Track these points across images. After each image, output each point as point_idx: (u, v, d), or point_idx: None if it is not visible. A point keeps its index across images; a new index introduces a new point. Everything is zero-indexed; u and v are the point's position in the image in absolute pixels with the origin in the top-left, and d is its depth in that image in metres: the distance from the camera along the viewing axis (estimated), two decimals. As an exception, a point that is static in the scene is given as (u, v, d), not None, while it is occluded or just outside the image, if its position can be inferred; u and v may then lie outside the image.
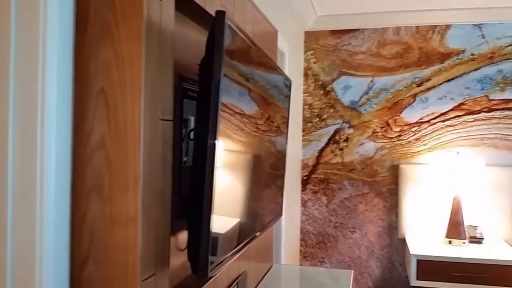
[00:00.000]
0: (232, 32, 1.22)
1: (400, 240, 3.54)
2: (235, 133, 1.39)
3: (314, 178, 3.74)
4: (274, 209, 1.97)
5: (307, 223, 3.74)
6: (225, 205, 1.33)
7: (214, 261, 1.20)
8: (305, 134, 3.75)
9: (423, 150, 3.54)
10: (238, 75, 1.37)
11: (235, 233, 1.44)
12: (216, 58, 1.13)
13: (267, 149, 1.83)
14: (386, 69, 3.60)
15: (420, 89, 3.54)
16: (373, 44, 3.62)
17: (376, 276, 3.61)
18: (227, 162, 1.33)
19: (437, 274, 2.90)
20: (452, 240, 3.13)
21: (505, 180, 3.30)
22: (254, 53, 1.53)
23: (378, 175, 3.62)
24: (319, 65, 3.72)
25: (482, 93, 3.43)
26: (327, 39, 3.70)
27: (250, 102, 1.55)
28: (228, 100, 1.25)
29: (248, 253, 1.90)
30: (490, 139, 3.43)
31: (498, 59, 3.40)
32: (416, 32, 3.54)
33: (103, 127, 1.02)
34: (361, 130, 3.65)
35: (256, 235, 1.60)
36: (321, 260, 3.71)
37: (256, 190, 1.68)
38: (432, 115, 3.52)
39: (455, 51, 3.48)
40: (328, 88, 3.71)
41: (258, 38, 1.96)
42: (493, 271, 2.83)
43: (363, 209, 3.64)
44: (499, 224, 3.31)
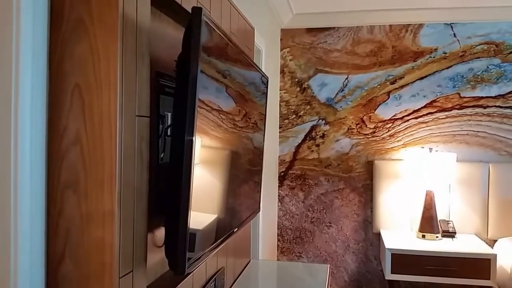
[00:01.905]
0: (208, 29, 1.22)
1: (375, 234, 3.61)
2: (213, 130, 1.39)
3: (291, 174, 3.77)
4: (251, 205, 1.98)
5: (284, 218, 3.77)
6: (203, 201, 1.34)
7: (191, 257, 1.20)
8: (282, 130, 3.78)
9: (397, 146, 3.61)
10: (215, 72, 1.37)
11: (212, 229, 1.44)
12: (192, 55, 1.13)
13: (245, 146, 1.84)
14: (361, 67, 3.65)
15: (393, 87, 3.61)
16: (348, 42, 3.67)
17: (352, 270, 3.67)
18: (205, 159, 1.33)
19: (411, 268, 2.97)
20: (426, 234, 3.20)
21: (476, 176, 3.39)
22: (231, 50, 1.53)
23: (353, 171, 3.67)
24: (296, 62, 3.75)
25: (453, 91, 3.52)
26: (303, 37, 3.73)
27: (227, 99, 1.55)
28: (205, 96, 1.25)
29: (225, 249, 1.91)
30: (462, 136, 3.52)
31: (469, 57, 3.49)
32: (389, 30, 3.60)
33: (78, 123, 1.01)
34: (337, 127, 3.70)
35: (233, 231, 1.61)
36: (298, 255, 3.75)
37: (233, 186, 1.69)
38: (405, 112, 3.59)
39: (427, 50, 3.55)
40: (305, 85, 3.74)
41: (235, 35, 1.97)
42: (465, 264, 2.91)
43: (339, 204, 3.69)
44: (470, 218, 3.40)
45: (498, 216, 3.34)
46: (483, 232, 3.37)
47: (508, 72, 3.43)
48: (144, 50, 1.14)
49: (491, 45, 3.46)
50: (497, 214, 3.34)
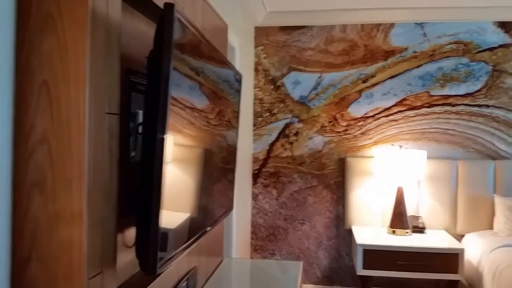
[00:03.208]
0: (181, 25, 1.21)
1: (346, 230, 3.65)
2: (186, 128, 1.37)
3: (265, 172, 3.77)
4: (225, 203, 1.97)
5: (258, 216, 3.77)
6: (175, 200, 1.32)
7: (163, 257, 1.19)
8: (256, 128, 3.78)
9: (368, 143, 3.66)
10: (188, 69, 1.36)
11: (185, 229, 1.43)
12: (165, 51, 1.12)
13: (218, 144, 1.83)
14: (334, 66, 3.68)
15: (365, 85, 3.65)
16: (321, 41, 3.69)
17: (324, 266, 3.71)
18: (177, 157, 1.32)
19: (382, 263, 3.02)
20: (396, 230, 3.26)
21: (445, 172, 3.48)
22: (204, 47, 1.52)
23: (326, 168, 3.71)
24: (269, 60, 3.75)
25: (423, 89, 3.59)
26: (277, 35, 3.73)
27: (200, 96, 1.54)
28: (178, 94, 1.24)
29: (198, 248, 1.90)
30: (431, 133, 3.60)
31: (439, 56, 3.57)
32: (361, 30, 3.64)
33: (45, 121, 0.99)
34: (310, 125, 3.72)
35: (206, 230, 1.60)
36: (271, 252, 3.77)
37: (207, 185, 1.68)
38: (377, 110, 3.64)
39: (398, 49, 3.61)
40: (278, 83, 3.75)
41: (208, 32, 1.95)
42: (435, 259, 2.98)
43: (312, 201, 3.72)
44: (439, 214, 3.48)
45: (466, 211, 3.43)
46: (452, 227, 3.46)
47: (476, 71, 3.53)
48: (115, 46, 1.12)
49: (460, 45, 3.54)
50: (465, 210, 3.43)
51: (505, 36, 3.49)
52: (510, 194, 3.34)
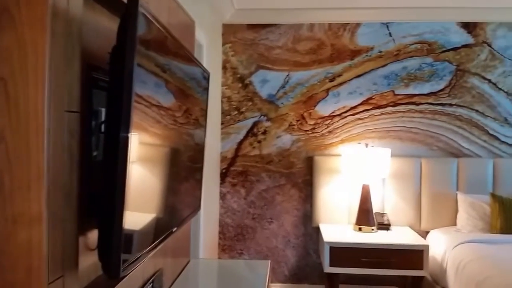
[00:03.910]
0: (146, 21, 1.18)
1: (314, 228, 3.68)
2: (151, 126, 1.34)
3: (233, 171, 3.75)
4: (192, 203, 1.94)
5: (225, 215, 3.75)
6: (140, 201, 1.29)
7: (127, 259, 1.16)
8: (224, 127, 3.75)
9: (335, 142, 3.69)
10: (154, 66, 1.32)
11: (150, 230, 1.40)
12: (128, 47, 1.08)
13: (185, 142, 1.80)
14: (301, 64, 3.70)
15: (332, 84, 3.69)
16: (289, 39, 3.70)
17: (292, 264, 3.73)
18: (142, 156, 1.29)
19: (349, 260, 3.05)
20: (362, 227, 3.30)
21: (409, 170, 3.55)
22: (170, 43, 1.49)
23: (294, 166, 3.72)
24: (238, 58, 3.73)
25: (388, 88, 3.65)
26: (245, 32, 3.72)
27: (167, 94, 1.51)
28: (143, 91, 1.21)
29: (164, 249, 1.86)
30: (395, 132, 3.67)
31: (403, 56, 3.64)
32: (328, 29, 3.67)
33: (2, 119, 0.95)
34: (278, 123, 3.73)
35: (173, 230, 1.57)
36: (239, 252, 3.75)
37: (173, 184, 1.64)
38: (344, 108, 3.68)
39: (364, 48, 3.66)
40: (247, 81, 3.73)
41: (175, 29, 1.91)
42: (400, 256, 3.03)
43: (280, 200, 3.72)
44: (404, 211, 3.56)
45: (430, 208, 3.52)
46: (416, 224, 3.54)
47: (439, 71, 3.62)
48: (75, 42, 1.09)
49: (424, 45, 3.62)
50: (429, 207, 3.52)
51: (468, 36, 3.60)
52: (473, 191, 3.45)
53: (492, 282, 2.43)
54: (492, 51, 3.59)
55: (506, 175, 3.49)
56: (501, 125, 3.61)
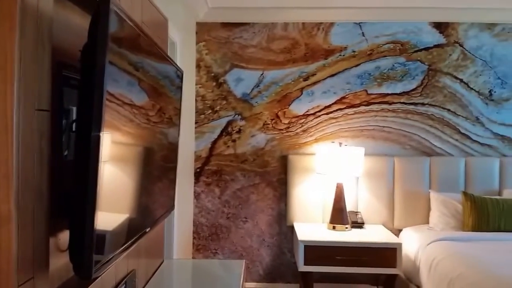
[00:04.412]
0: (118, 18, 1.16)
1: (289, 227, 3.70)
2: (124, 125, 1.32)
3: (207, 170, 3.74)
4: (165, 203, 1.92)
5: (200, 215, 3.73)
6: (112, 201, 1.27)
7: (100, 260, 1.15)
8: (198, 126, 3.73)
9: (310, 141, 3.72)
10: (126, 64, 1.31)
11: (123, 230, 1.38)
12: (100, 44, 1.07)
13: (159, 141, 1.78)
14: (276, 63, 3.71)
15: (306, 83, 3.71)
16: (263, 38, 3.70)
17: (266, 263, 3.73)
18: (115, 155, 1.27)
19: (323, 259, 3.07)
20: (336, 225, 3.33)
21: (382, 169, 3.60)
22: (143, 41, 1.47)
23: (269, 165, 3.73)
24: (212, 56, 3.71)
25: (361, 88, 3.70)
26: (219, 31, 3.70)
27: (139, 92, 1.49)
28: (115, 89, 1.19)
29: (137, 250, 1.84)
30: (369, 131, 3.72)
31: (376, 56, 3.69)
32: (302, 28, 3.69)
33: (-31, 117, 0.92)
34: (252, 122, 3.73)
35: (146, 230, 1.55)
36: (214, 251, 3.74)
37: (146, 184, 1.63)
38: (318, 108, 3.71)
39: (337, 48, 3.70)
40: (221, 80, 3.72)
41: (148, 26, 1.89)
42: (373, 254, 3.07)
43: (255, 199, 3.73)
44: (377, 209, 3.60)
45: (402, 206, 3.57)
46: (389, 222, 3.59)
47: (412, 70, 3.68)
48: (46, 39, 1.07)
49: (397, 44, 3.68)
50: (402, 205, 3.57)
51: (440, 36, 3.67)
52: (445, 190, 3.52)
53: (464, 279, 2.48)
54: (464, 51, 3.68)
55: (477, 173, 3.57)
56: (472, 124, 3.70)
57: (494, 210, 3.23)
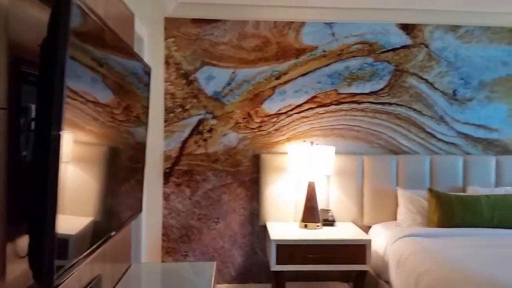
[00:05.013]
0: (80, 11, 1.11)
1: (261, 227, 3.67)
2: (87, 124, 1.27)
3: (178, 170, 3.67)
4: (133, 205, 1.86)
5: (169, 217, 3.65)
6: (75, 203, 1.21)
7: (61, 266, 1.09)
8: (168, 124, 3.65)
9: (282, 140, 3.71)
10: (89, 59, 1.25)
11: (87, 234, 1.32)
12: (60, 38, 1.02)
13: (125, 141, 1.72)
14: (247, 61, 3.67)
15: (278, 82, 3.69)
16: (234, 36, 3.66)
17: (238, 264, 3.70)
18: (77, 155, 1.21)
19: (295, 258, 3.07)
20: (308, 224, 3.34)
21: (352, 167, 3.63)
22: (107, 36, 1.41)
23: (241, 165, 3.69)
24: (181, 53, 3.64)
25: (332, 87, 3.71)
26: (189, 27, 3.64)
27: (104, 90, 1.43)
28: (77, 86, 1.14)
29: (103, 254, 1.77)
30: (339, 130, 3.74)
31: (346, 56, 3.71)
32: (274, 27, 3.67)
33: None
34: (224, 121, 3.68)
35: (111, 234, 1.49)
36: (184, 254, 3.67)
37: (112, 186, 1.56)
38: (289, 107, 3.70)
39: (308, 47, 3.70)
40: (191, 77, 3.66)
41: (112, 21, 1.82)
42: (344, 251, 3.09)
43: (227, 199, 3.68)
44: (347, 207, 3.63)
45: (371, 204, 3.61)
46: (359, 220, 3.62)
47: (380, 71, 3.72)
48: (1, 33, 1.02)
49: (365, 45, 3.71)
50: (371, 202, 3.61)
51: (406, 37, 3.72)
52: (411, 187, 3.58)
53: (432, 274, 2.53)
54: (429, 52, 3.74)
55: (442, 171, 3.65)
56: (437, 123, 3.77)
57: (458, 206, 3.31)
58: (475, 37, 3.77)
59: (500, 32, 3.78)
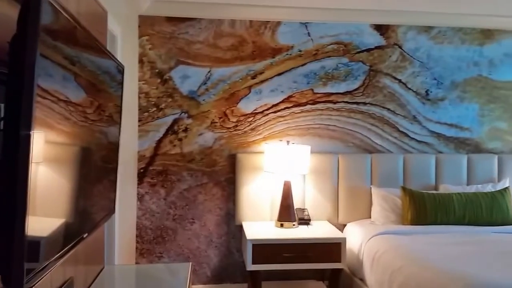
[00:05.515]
0: (51, 8, 1.08)
1: (237, 227, 3.66)
2: (58, 123, 1.24)
3: (152, 170, 3.62)
4: (105, 206, 1.83)
5: (144, 218, 3.61)
6: (46, 205, 1.18)
7: (32, 269, 1.06)
8: (142, 124, 3.60)
9: (258, 139, 3.70)
10: (61, 57, 1.23)
11: (59, 236, 1.29)
12: (30, 35, 1.00)
13: (98, 141, 1.69)
14: (223, 61, 3.66)
15: (254, 81, 3.69)
16: (210, 34, 3.64)
17: (214, 264, 3.68)
18: (48, 156, 1.18)
19: (271, 257, 3.07)
20: (284, 223, 3.34)
21: (327, 166, 3.65)
22: (79, 34, 1.38)
23: (217, 164, 3.67)
24: (156, 52, 3.60)
25: (308, 87, 3.73)
26: (163, 25, 3.60)
27: (76, 88, 1.40)
28: (48, 84, 1.11)
29: (75, 257, 1.73)
30: (314, 129, 3.76)
31: (321, 56, 3.73)
32: (250, 26, 3.67)
33: None
34: (200, 120, 3.66)
35: (84, 236, 1.46)
36: (159, 255, 3.63)
37: (85, 186, 1.53)
38: (266, 106, 3.70)
39: (284, 47, 3.70)
40: (166, 76, 3.62)
41: (85, 18, 1.78)
42: (319, 249, 3.11)
43: (203, 199, 3.66)
44: (323, 206, 3.65)
45: (346, 202, 3.64)
46: (334, 218, 3.65)
47: (354, 71, 3.76)
48: None
49: (340, 45, 3.74)
50: (346, 201, 3.64)
51: (380, 38, 3.77)
52: (385, 185, 3.63)
53: (405, 271, 2.57)
54: (403, 53, 3.80)
55: (415, 169, 3.71)
56: (410, 122, 3.83)
57: (431, 204, 3.37)
58: (447, 38, 3.85)
59: (472, 33, 3.87)
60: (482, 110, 3.91)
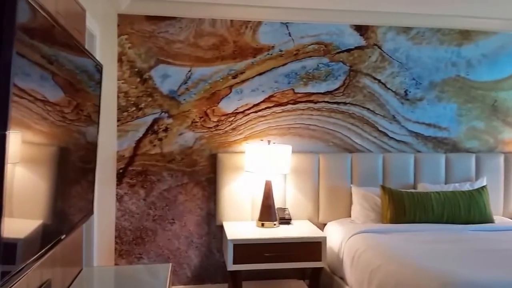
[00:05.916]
0: (28, 6, 1.06)
1: (218, 227, 3.65)
2: (35, 123, 1.21)
3: (131, 171, 3.58)
4: (84, 207, 1.80)
5: (123, 219, 3.56)
6: (22, 206, 1.16)
7: (8, 271, 1.04)
8: (121, 124, 3.56)
9: (239, 139, 3.70)
10: (38, 56, 1.20)
11: (36, 237, 1.26)
12: (6, 34, 0.97)
13: (76, 141, 1.66)
14: (204, 60, 3.64)
15: (235, 81, 3.68)
16: (190, 34, 3.62)
17: (195, 265, 3.66)
18: (25, 156, 1.16)
19: (252, 257, 3.07)
20: (265, 222, 3.35)
21: (308, 165, 3.67)
22: (57, 32, 1.36)
23: (197, 164, 3.66)
24: (135, 51, 3.56)
25: (288, 87, 3.74)
26: (143, 24, 3.56)
27: (54, 88, 1.38)
28: (24, 83, 1.09)
29: (53, 258, 1.70)
30: (295, 129, 3.77)
31: (302, 56, 3.75)
32: (230, 25, 3.66)
33: None
34: (180, 120, 3.63)
35: (61, 237, 1.44)
36: (138, 256, 3.59)
37: (62, 187, 1.51)
38: (246, 106, 3.70)
39: (265, 47, 3.71)
40: (146, 76, 3.58)
41: (63, 17, 1.75)
42: (300, 248, 3.12)
43: (183, 199, 3.64)
44: (303, 205, 3.67)
45: (327, 201, 3.67)
46: (315, 217, 3.67)
47: (335, 71, 3.79)
48: None
49: (321, 45, 3.76)
50: (326, 200, 3.67)
51: (360, 38, 3.81)
52: (365, 184, 3.67)
53: (385, 269, 2.60)
54: (382, 53, 3.85)
55: (394, 168, 3.76)
56: (389, 122, 3.88)
57: (410, 202, 3.41)
58: (426, 39, 3.91)
59: (450, 33, 3.94)
60: (460, 110, 3.98)
